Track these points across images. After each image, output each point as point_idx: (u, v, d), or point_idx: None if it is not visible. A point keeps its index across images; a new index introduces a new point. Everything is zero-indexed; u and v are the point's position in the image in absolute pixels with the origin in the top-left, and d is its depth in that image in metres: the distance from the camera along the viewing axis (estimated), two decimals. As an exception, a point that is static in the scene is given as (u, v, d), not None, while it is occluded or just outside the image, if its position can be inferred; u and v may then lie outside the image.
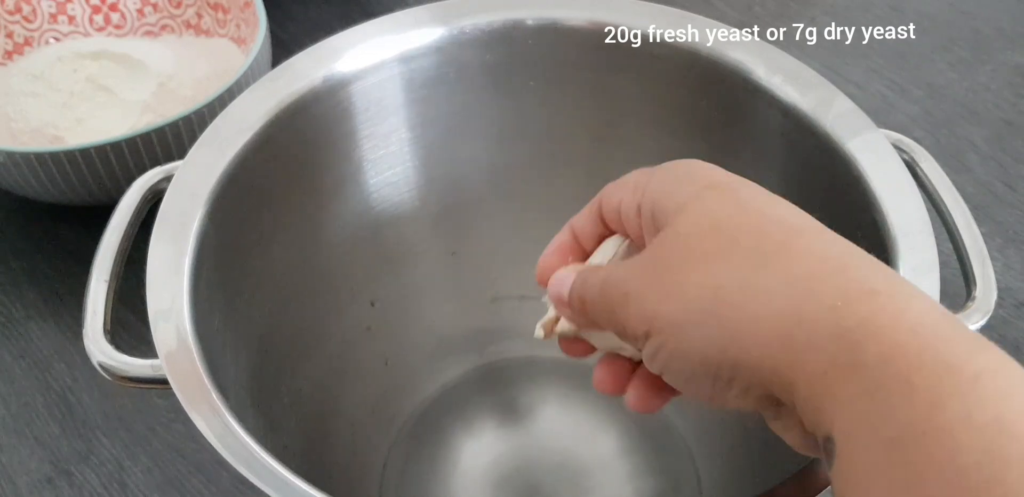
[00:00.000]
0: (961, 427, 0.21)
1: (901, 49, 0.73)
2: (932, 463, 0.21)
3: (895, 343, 0.23)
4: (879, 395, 0.22)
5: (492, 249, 0.54)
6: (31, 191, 0.58)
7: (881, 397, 0.22)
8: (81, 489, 0.51)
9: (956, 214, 0.42)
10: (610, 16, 0.46)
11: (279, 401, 0.46)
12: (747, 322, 0.25)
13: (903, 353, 0.23)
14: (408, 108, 0.48)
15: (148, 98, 0.61)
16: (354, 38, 0.46)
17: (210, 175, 0.41)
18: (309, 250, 0.48)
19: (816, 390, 0.24)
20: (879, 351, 0.23)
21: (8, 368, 0.56)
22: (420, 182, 0.51)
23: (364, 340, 0.53)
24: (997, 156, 0.66)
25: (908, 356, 0.23)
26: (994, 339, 0.64)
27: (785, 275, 0.25)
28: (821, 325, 0.24)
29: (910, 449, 0.22)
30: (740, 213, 0.27)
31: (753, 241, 0.26)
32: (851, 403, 0.23)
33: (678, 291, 0.26)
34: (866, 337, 0.23)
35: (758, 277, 0.25)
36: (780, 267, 0.25)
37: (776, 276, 0.25)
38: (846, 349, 0.23)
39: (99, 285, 0.40)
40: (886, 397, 0.22)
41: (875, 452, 0.22)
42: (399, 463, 0.52)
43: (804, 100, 0.42)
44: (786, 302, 0.25)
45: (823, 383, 0.23)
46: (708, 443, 0.52)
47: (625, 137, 0.50)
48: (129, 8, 0.69)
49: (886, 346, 0.23)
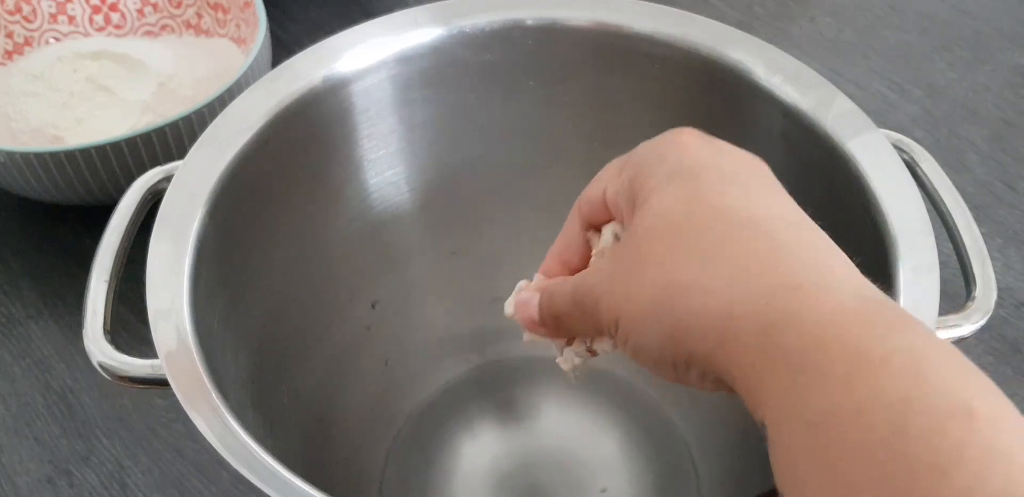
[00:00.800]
0: (870, 407, 0.23)
1: (901, 49, 0.73)
2: (847, 442, 0.23)
3: (811, 335, 0.25)
4: (798, 383, 0.24)
5: (492, 249, 0.54)
6: (31, 191, 0.58)
7: (800, 385, 0.24)
8: (81, 489, 0.51)
9: (956, 214, 0.42)
10: (610, 16, 0.46)
11: (279, 401, 0.46)
12: (692, 316, 0.27)
13: (818, 344, 0.24)
14: (408, 108, 0.48)
15: (148, 98, 0.61)
16: (354, 38, 0.46)
17: (210, 175, 0.41)
18: (309, 250, 0.48)
19: (749, 381, 0.26)
20: (796, 344, 0.25)
21: (8, 368, 0.56)
22: (420, 182, 0.51)
23: (364, 340, 0.53)
24: (997, 156, 0.66)
25: (822, 346, 0.24)
26: (994, 339, 0.63)
27: (722, 273, 0.27)
28: (749, 321, 0.26)
29: (827, 431, 0.23)
30: (691, 207, 0.28)
31: (696, 238, 0.28)
32: (775, 392, 0.25)
33: (636, 290, 0.28)
34: (785, 331, 0.25)
35: (701, 274, 0.27)
36: (718, 265, 0.27)
37: (715, 274, 0.27)
38: (769, 343, 0.25)
39: (99, 285, 0.40)
40: (804, 385, 0.24)
41: (798, 436, 0.24)
42: (399, 463, 0.52)
43: (804, 100, 0.42)
44: (722, 299, 0.26)
45: (753, 374, 0.25)
46: (708, 443, 0.52)
47: (625, 137, 0.49)
48: (129, 8, 0.69)
49: (803, 338, 0.25)
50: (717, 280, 0.27)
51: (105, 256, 0.41)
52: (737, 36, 0.45)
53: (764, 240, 0.27)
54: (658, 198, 0.29)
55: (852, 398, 0.23)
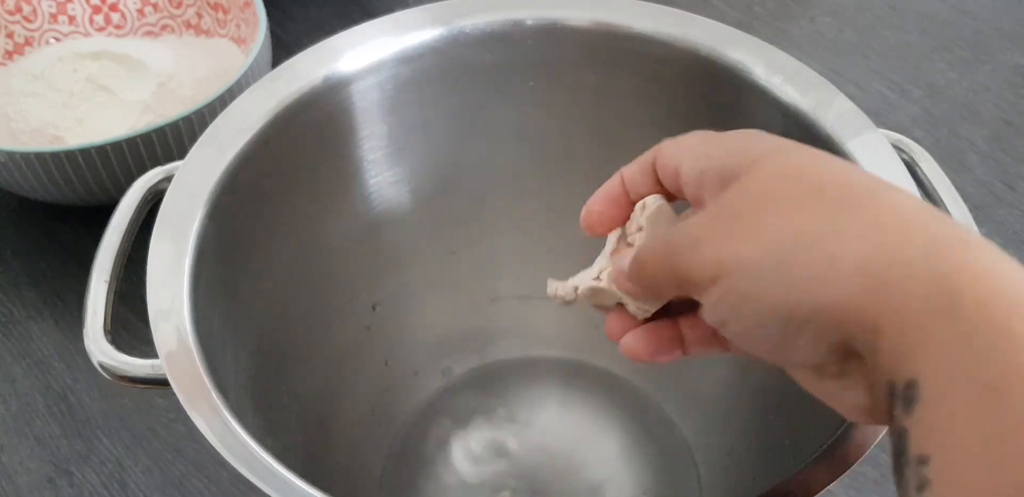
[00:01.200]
0: None
1: (901, 49, 0.73)
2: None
3: (993, 291, 0.22)
4: (977, 340, 0.22)
5: (492, 249, 0.54)
6: (31, 191, 0.58)
7: (979, 342, 0.22)
8: (81, 489, 0.51)
9: (956, 214, 0.42)
10: (610, 16, 0.46)
11: (279, 401, 0.46)
12: (832, 264, 0.24)
13: (1002, 301, 0.22)
14: (408, 108, 0.48)
15: (148, 98, 0.61)
16: (354, 38, 0.46)
17: (210, 175, 0.41)
18: (309, 250, 0.48)
19: (907, 334, 0.23)
20: (977, 297, 0.22)
21: (8, 368, 0.56)
22: (420, 182, 0.51)
23: (364, 340, 0.53)
24: (997, 156, 0.66)
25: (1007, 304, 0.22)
26: (994, 339, 0.62)
27: (874, 221, 0.25)
28: (916, 268, 0.23)
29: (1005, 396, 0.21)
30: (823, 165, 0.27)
31: (839, 190, 0.26)
32: (946, 347, 0.22)
33: (754, 235, 0.26)
34: (963, 283, 0.23)
35: (845, 222, 0.25)
36: (870, 213, 0.25)
37: (864, 221, 0.25)
38: (943, 293, 0.23)
39: (99, 285, 0.40)
40: (985, 341, 0.22)
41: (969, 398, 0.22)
42: (399, 463, 0.52)
43: (804, 100, 0.42)
44: (876, 246, 0.24)
45: (917, 326, 0.23)
46: (708, 443, 0.52)
47: (625, 137, 0.49)
48: (129, 8, 0.69)
49: (984, 292, 0.22)
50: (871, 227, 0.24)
51: (105, 256, 0.41)
52: (737, 36, 0.45)
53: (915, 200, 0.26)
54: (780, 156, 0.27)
55: None
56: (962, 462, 0.21)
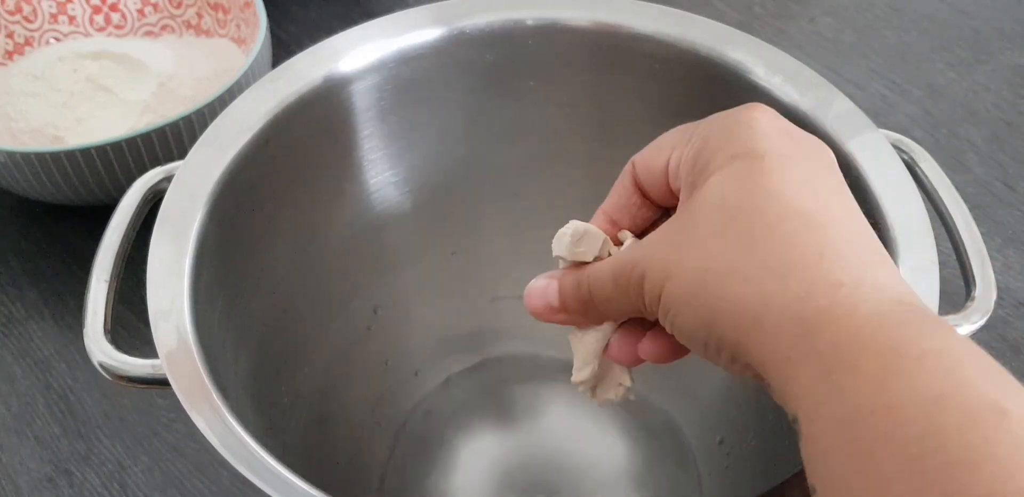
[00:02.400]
0: (905, 403, 0.23)
1: (901, 49, 0.73)
2: (880, 437, 0.23)
3: (847, 332, 0.25)
4: (832, 379, 0.24)
5: (492, 249, 0.54)
6: (31, 191, 0.58)
7: (833, 380, 0.24)
8: (81, 489, 0.51)
9: (956, 214, 0.42)
10: (610, 16, 0.46)
11: (279, 401, 0.46)
12: (726, 303, 0.27)
13: (854, 341, 0.25)
14: (408, 108, 0.48)
15: (148, 98, 0.61)
16: (354, 38, 0.46)
17: (210, 175, 0.41)
18: (309, 250, 0.48)
19: (781, 373, 0.26)
20: (831, 339, 0.25)
21: (8, 368, 0.56)
22: (420, 182, 0.51)
23: (364, 340, 0.53)
24: (997, 156, 0.66)
25: (858, 343, 0.24)
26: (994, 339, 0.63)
27: (764, 262, 0.27)
28: (785, 314, 0.26)
29: (860, 426, 0.23)
30: (746, 191, 0.28)
31: (745, 223, 0.27)
32: (809, 386, 0.25)
33: (677, 270, 0.28)
34: (821, 326, 0.25)
35: (742, 261, 0.27)
36: (762, 253, 0.27)
37: (756, 262, 0.27)
38: (804, 337, 0.25)
39: (99, 285, 0.40)
40: (837, 380, 0.24)
41: (831, 430, 0.24)
42: (399, 463, 0.52)
43: (804, 100, 0.42)
44: (760, 289, 0.26)
45: (786, 367, 0.26)
46: (708, 443, 0.52)
47: (625, 137, 0.49)
48: (129, 8, 0.69)
49: (839, 335, 0.25)
50: (757, 269, 0.27)
51: (105, 256, 0.41)
52: (737, 36, 0.45)
53: (813, 232, 0.27)
54: (717, 178, 0.29)
55: (886, 395, 0.23)
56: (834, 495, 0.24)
